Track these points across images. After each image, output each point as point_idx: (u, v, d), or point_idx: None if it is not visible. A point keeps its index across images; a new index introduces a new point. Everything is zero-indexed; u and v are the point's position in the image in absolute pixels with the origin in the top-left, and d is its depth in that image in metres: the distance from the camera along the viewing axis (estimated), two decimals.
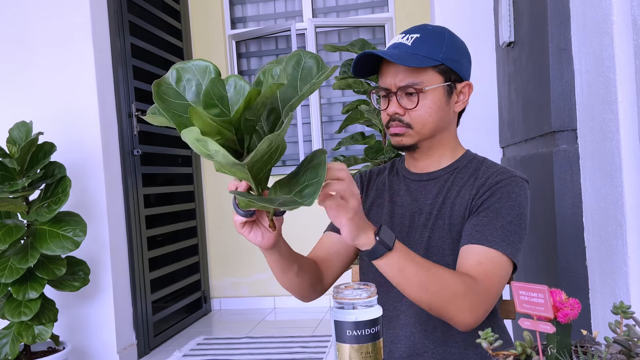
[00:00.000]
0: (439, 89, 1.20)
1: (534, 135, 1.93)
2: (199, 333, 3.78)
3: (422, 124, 1.21)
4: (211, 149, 0.77)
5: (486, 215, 1.15)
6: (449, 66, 1.20)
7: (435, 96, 1.20)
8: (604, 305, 1.45)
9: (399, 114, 1.21)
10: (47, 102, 3.05)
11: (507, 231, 1.13)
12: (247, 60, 4.53)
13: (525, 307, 0.68)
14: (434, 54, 1.18)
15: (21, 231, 2.49)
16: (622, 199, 1.26)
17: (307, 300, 1.29)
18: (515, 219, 1.15)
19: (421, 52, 1.18)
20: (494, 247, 1.11)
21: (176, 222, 4.01)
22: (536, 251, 1.91)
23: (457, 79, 1.23)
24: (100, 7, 3.12)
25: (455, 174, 1.26)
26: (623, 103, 1.25)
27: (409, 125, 1.21)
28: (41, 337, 2.54)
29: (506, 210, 1.15)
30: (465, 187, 1.22)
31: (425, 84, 1.19)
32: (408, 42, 1.20)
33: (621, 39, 1.25)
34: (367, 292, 0.81)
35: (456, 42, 1.23)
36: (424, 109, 1.19)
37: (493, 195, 1.17)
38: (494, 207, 1.16)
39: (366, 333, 0.79)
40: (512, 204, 1.16)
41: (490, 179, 1.20)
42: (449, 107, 1.23)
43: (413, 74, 1.18)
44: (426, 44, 1.19)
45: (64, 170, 2.64)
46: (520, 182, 1.20)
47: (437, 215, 1.23)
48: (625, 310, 0.68)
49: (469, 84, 1.25)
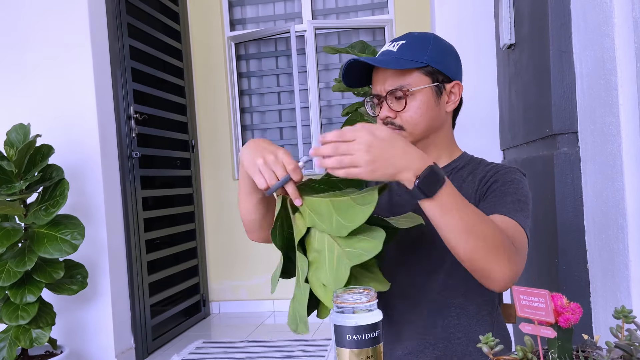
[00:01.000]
0: (427, 89, 1.22)
1: (534, 137, 1.93)
2: (197, 337, 3.77)
3: (414, 124, 1.22)
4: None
5: (494, 196, 1.17)
6: (435, 67, 1.22)
7: (424, 97, 1.22)
8: (605, 309, 1.44)
9: (390, 117, 1.23)
10: (45, 104, 3.04)
11: (517, 206, 1.14)
12: (247, 62, 4.53)
13: (527, 312, 0.68)
14: (418, 56, 1.21)
15: (19, 234, 2.48)
16: (624, 202, 1.26)
17: (252, 235, 1.27)
18: (523, 197, 1.17)
19: (406, 56, 1.21)
20: (510, 216, 1.11)
21: (175, 225, 4.00)
22: (537, 254, 1.90)
23: (446, 79, 1.24)
24: (98, 8, 3.11)
25: (453, 173, 1.28)
26: (624, 106, 1.25)
27: (401, 128, 1.23)
28: (39, 341, 2.53)
29: (512, 190, 1.17)
30: (465, 183, 1.24)
31: (412, 85, 1.21)
32: (394, 48, 1.24)
33: (622, 41, 1.25)
34: (367, 297, 0.80)
35: (442, 44, 1.26)
36: (413, 109, 1.22)
37: (496, 182, 1.20)
38: (499, 189, 1.18)
39: (366, 337, 0.78)
40: (515, 187, 1.18)
41: (490, 172, 1.23)
42: (439, 107, 1.25)
43: (400, 77, 1.21)
44: (411, 49, 1.22)
45: (62, 173, 2.63)
46: (519, 172, 1.23)
47: None
48: (626, 315, 0.69)
49: (458, 84, 1.27)
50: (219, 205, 4.39)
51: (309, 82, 4.22)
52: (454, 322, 1.22)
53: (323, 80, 4.34)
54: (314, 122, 4.21)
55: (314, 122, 4.21)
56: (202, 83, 4.39)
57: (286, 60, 4.44)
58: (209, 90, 4.39)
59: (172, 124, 4.03)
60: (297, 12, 4.40)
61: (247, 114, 4.52)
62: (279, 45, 4.46)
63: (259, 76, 4.50)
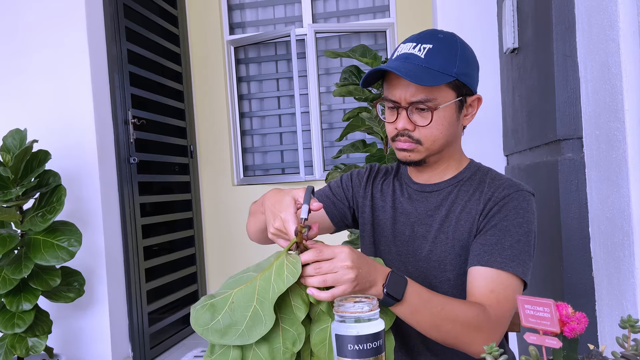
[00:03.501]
0: (452, 104, 1.17)
1: (538, 143, 1.92)
2: (196, 345, 3.75)
3: (433, 140, 1.17)
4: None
5: (494, 234, 1.13)
6: (462, 81, 1.16)
7: (448, 112, 1.17)
8: (611, 318, 1.43)
9: (408, 129, 1.17)
10: (42, 109, 3.03)
11: (516, 250, 1.12)
12: (246, 66, 4.52)
13: (531, 322, 0.68)
14: (448, 68, 1.14)
15: (15, 241, 2.47)
16: (629, 209, 1.25)
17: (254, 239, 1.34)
18: (524, 236, 1.13)
19: (435, 67, 1.13)
20: (505, 269, 1.10)
21: (173, 232, 3.98)
22: (541, 262, 1.90)
23: (469, 92, 1.20)
24: (96, 12, 3.10)
25: (459, 186, 1.24)
26: (630, 111, 1.24)
27: (418, 142, 1.18)
28: (35, 350, 2.52)
29: (514, 228, 1.13)
30: (471, 202, 1.20)
31: (439, 100, 1.15)
32: (420, 53, 1.14)
33: (628, 46, 1.24)
34: (369, 305, 0.80)
35: (468, 52, 1.19)
36: (435, 125, 1.16)
37: (500, 212, 1.15)
38: (501, 224, 1.14)
39: (368, 347, 0.78)
40: (520, 220, 1.14)
41: (496, 193, 1.18)
42: (458, 122, 1.21)
43: (426, 89, 1.13)
44: (440, 57, 1.14)
45: (59, 179, 2.62)
46: (527, 196, 1.18)
47: (439, 229, 1.21)
48: (633, 324, 0.67)
49: (479, 97, 1.22)
50: (219, 212, 4.37)
51: (310, 87, 4.21)
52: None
53: (324, 84, 4.33)
54: (314, 127, 4.20)
55: (315, 127, 4.19)
56: (201, 87, 4.37)
57: (286, 64, 4.42)
58: (208, 94, 4.37)
59: (171, 129, 4.02)
60: (297, 16, 4.39)
61: (246, 118, 4.50)
62: (279, 49, 4.45)
63: (258, 80, 4.49)
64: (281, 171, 4.45)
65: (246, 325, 0.89)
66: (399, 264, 1.23)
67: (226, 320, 0.90)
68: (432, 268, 1.19)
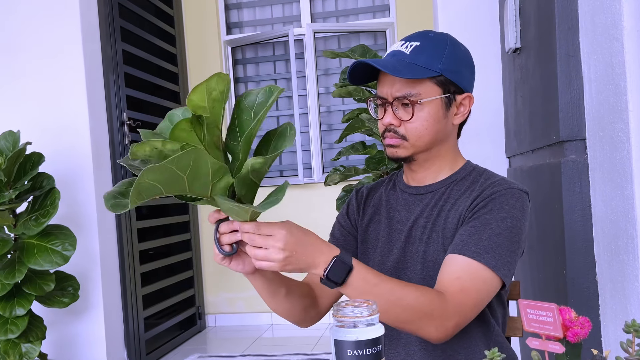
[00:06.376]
0: (437, 101, 1.18)
1: (541, 145, 1.91)
2: (193, 351, 3.73)
3: (418, 136, 1.19)
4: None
5: (474, 225, 1.13)
6: (448, 77, 1.17)
7: (432, 108, 1.18)
8: (615, 322, 1.42)
9: (394, 125, 1.19)
10: (35, 110, 3.00)
11: (494, 243, 1.11)
12: (244, 67, 4.50)
13: (534, 326, 0.67)
14: (432, 64, 1.16)
15: (8, 245, 2.46)
16: (634, 211, 1.24)
17: (303, 325, 1.29)
18: (506, 231, 1.12)
19: (419, 62, 1.16)
20: (476, 259, 1.09)
21: (169, 235, 3.96)
22: (544, 265, 1.90)
23: (457, 90, 1.20)
24: (90, 11, 3.08)
25: (452, 186, 1.24)
26: (634, 112, 1.24)
27: (404, 137, 1.19)
28: (29, 356, 2.51)
29: (497, 222, 1.13)
30: (460, 200, 1.20)
31: (422, 95, 1.16)
32: (407, 50, 1.18)
33: (632, 45, 1.23)
34: (369, 310, 0.78)
35: (458, 51, 1.20)
36: (420, 121, 1.18)
37: (486, 206, 1.15)
38: (484, 217, 1.14)
39: (367, 353, 0.77)
40: (504, 215, 1.14)
41: (486, 191, 1.18)
42: (447, 120, 1.21)
43: (409, 84, 1.17)
44: (425, 54, 1.16)
45: (53, 182, 2.61)
46: (517, 193, 1.17)
47: (432, 228, 1.21)
48: (637, 329, 0.66)
49: (470, 96, 1.23)
50: None
51: (308, 88, 4.19)
52: (448, 343, 1.17)
53: (322, 85, 4.31)
54: (313, 129, 4.18)
55: (314, 129, 4.17)
56: None
57: (284, 64, 4.41)
58: None
59: None
60: (295, 15, 4.37)
61: None
62: (277, 49, 4.43)
63: (256, 81, 4.47)
64: (279, 174, 4.43)
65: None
66: (398, 272, 1.22)
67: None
68: (427, 268, 1.19)
